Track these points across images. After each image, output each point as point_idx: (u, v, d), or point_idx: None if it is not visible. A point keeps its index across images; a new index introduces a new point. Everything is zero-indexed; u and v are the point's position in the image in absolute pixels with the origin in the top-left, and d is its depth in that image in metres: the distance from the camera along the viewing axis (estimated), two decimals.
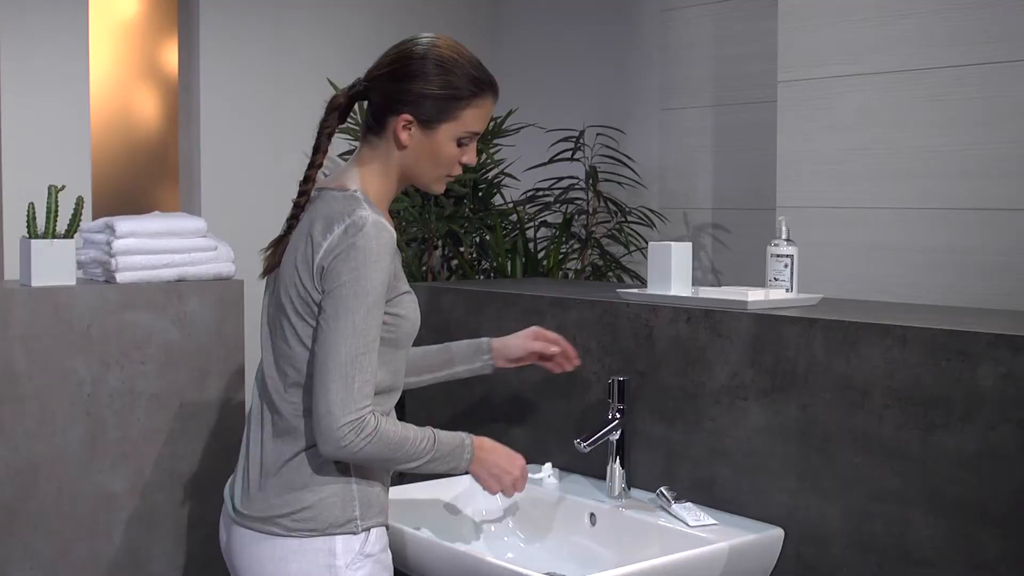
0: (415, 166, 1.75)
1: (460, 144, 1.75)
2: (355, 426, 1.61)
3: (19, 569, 2.45)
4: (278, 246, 1.77)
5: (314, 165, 1.75)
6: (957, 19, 2.62)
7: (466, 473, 1.82)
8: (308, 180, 1.74)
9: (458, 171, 1.79)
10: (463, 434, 1.80)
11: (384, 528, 1.77)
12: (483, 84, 1.74)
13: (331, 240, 1.64)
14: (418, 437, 1.70)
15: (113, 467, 2.57)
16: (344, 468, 1.72)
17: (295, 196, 1.76)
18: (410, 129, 1.72)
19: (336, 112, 1.77)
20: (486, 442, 1.83)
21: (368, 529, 1.72)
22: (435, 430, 1.75)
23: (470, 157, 1.77)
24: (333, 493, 1.71)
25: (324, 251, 1.64)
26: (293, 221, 1.74)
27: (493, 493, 1.86)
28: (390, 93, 1.72)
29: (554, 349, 2.08)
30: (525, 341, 2.07)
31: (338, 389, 1.60)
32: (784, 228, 2.13)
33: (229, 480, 1.88)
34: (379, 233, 1.63)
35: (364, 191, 1.72)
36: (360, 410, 1.61)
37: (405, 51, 1.73)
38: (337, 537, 1.70)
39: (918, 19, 2.69)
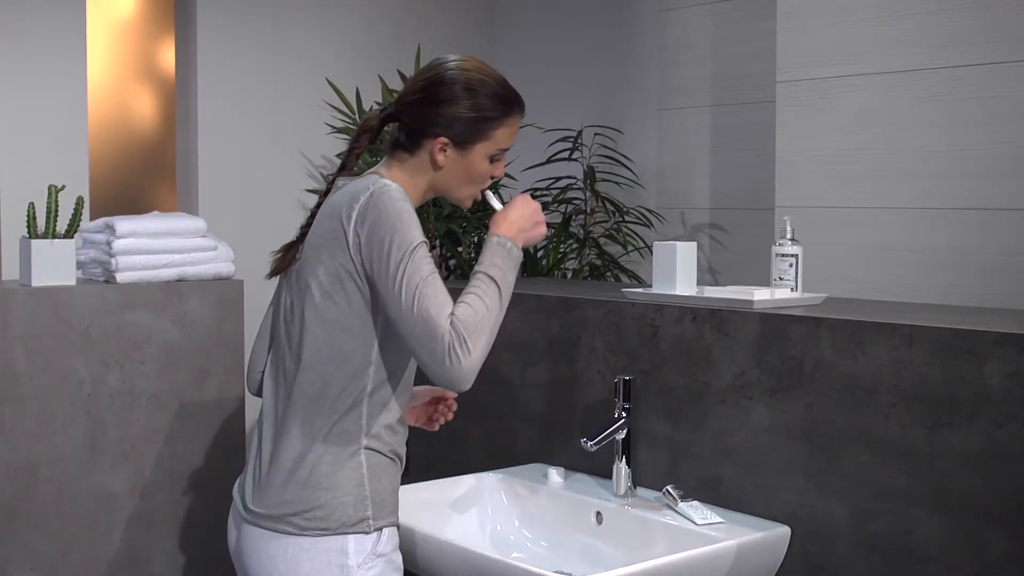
0: (450, 183, 1.81)
1: (492, 160, 1.81)
2: (456, 351, 1.60)
3: (19, 569, 2.44)
4: (289, 250, 1.78)
5: (337, 179, 1.81)
6: (957, 19, 2.63)
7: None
8: (326, 195, 1.79)
9: (487, 184, 1.84)
10: (494, 240, 1.75)
11: (395, 528, 1.77)
12: (510, 103, 1.80)
13: (359, 208, 1.67)
14: (485, 292, 1.67)
15: (113, 467, 2.57)
16: (358, 467, 1.72)
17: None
18: (446, 151, 1.77)
19: (367, 134, 1.82)
20: (508, 224, 1.77)
21: (380, 529, 1.72)
22: (483, 270, 1.71)
23: (499, 171, 1.84)
24: (347, 492, 1.70)
25: (355, 220, 1.67)
26: (307, 229, 1.77)
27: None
28: (422, 117, 1.77)
29: (451, 393, 2.07)
30: (430, 390, 2.07)
31: (423, 336, 1.60)
32: (789, 228, 2.14)
33: (239, 479, 1.87)
34: (403, 195, 1.69)
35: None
36: (445, 338, 1.59)
37: (435, 76, 1.78)
38: (349, 536, 1.70)
39: (918, 19, 2.69)
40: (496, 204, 1.87)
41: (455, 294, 1.67)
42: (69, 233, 2.59)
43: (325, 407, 1.71)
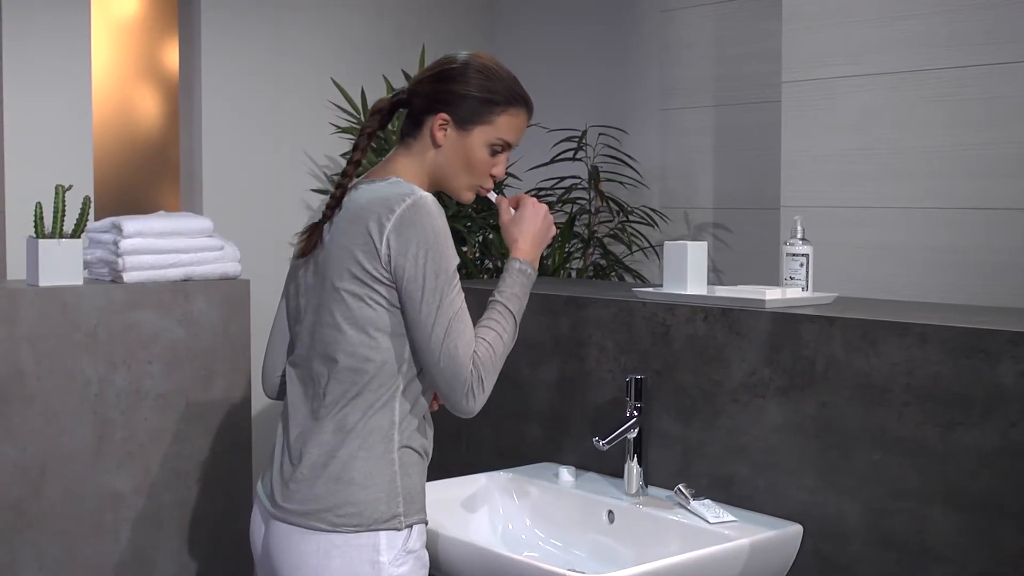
0: (447, 167, 1.80)
1: (493, 152, 1.81)
2: (474, 392, 1.68)
3: (26, 568, 2.44)
4: (314, 232, 1.78)
5: (353, 161, 1.80)
6: (961, 20, 2.64)
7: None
8: (347, 175, 1.79)
9: (489, 183, 1.84)
10: (516, 267, 1.79)
11: (424, 525, 1.76)
12: (519, 97, 1.81)
13: (395, 220, 1.67)
14: (504, 328, 1.74)
15: (120, 467, 2.57)
16: (391, 464, 1.72)
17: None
18: (446, 129, 1.78)
19: (378, 115, 1.84)
20: (529, 241, 1.82)
21: (411, 525, 1.72)
22: (504, 301, 1.76)
23: (500, 170, 1.83)
24: (380, 489, 1.70)
25: (388, 232, 1.67)
26: (329, 212, 1.77)
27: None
28: (430, 95, 1.79)
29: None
30: None
31: (446, 371, 1.67)
32: (800, 227, 2.14)
33: (262, 477, 1.87)
34: (440, 210, 1.70)
35: (401, 178, 1.78)
36: (467, 378, 1.67)
37: (447, 59, 1.82)
38: (382, 533, 1.69)
39: (922, 20, 2.71)
40: (492, 196, 1.87)
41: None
42: (76, 233, 2.59)
43: (360, 404, 1.71)
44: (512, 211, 1.86)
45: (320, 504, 1.70)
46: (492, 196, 1.88)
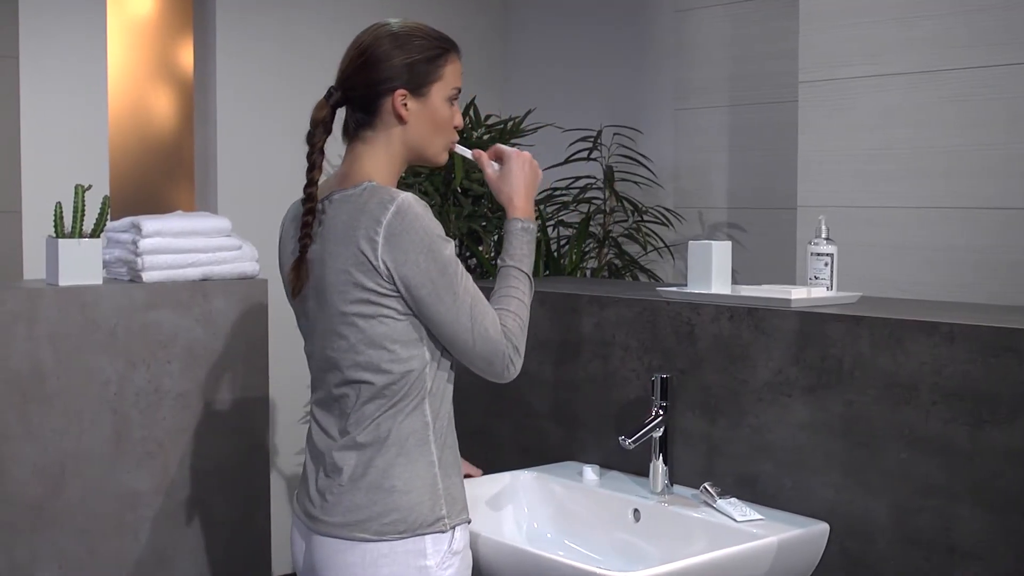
0: (420, 138, 1.77)
1: (450, 104, 1.79)
2: (513, 361, 1.72)
3: (46, 567, 2.45)
4: (300, 267, 1.74)
5: (314, 182, 1.76)
6: (978, 20, 2.64)
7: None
8: (311, 198, 1.74)
9: (454, 136, 1.81)
10: (518, 226, 1.79)
11: (467, 525, 1.75)
12: (443, 39, 1.79)
13: (383, 233, 1.64)
14: (524, 292, 1.76)
15: (139, 466, 2.57)
16: (431, 467, 1.71)
17: (303, 215, 1.74)
18: (406, 103, 1.74)
19: (322, 125, 1.78)
20: (522, 195, 1.81)
21: (455, 527, 1.71)
22: (516, 265, 1.77)
23: (459, 118, 1.81)
24: (422, 493, 1.69)
25: (381, 247, 1.64)
26: (307, 240, 1.73)
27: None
28: (369, 81, 1.74)
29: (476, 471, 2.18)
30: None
31: (483, 354, 1.69)
32: (824, 227, 2.14)
33: (296, 496, 1.84)
34: (423, 206, 1.68)
35: (375, 180, 1.73)
36: (504, 351, 1.70)
37: (361, 44, 1.77)
38: (427, 537, 1.68)
39: (939, 20, 2.71)
40: (466, 153, 1.85)
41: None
42: (96, 233, 2.59)
43: (391, 414, 1.70)
44: (495, 165, 1.83)
45: (363, 514, 1.68)
46: (467, 153, 1.85)
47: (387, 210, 1.65)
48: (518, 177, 1.81)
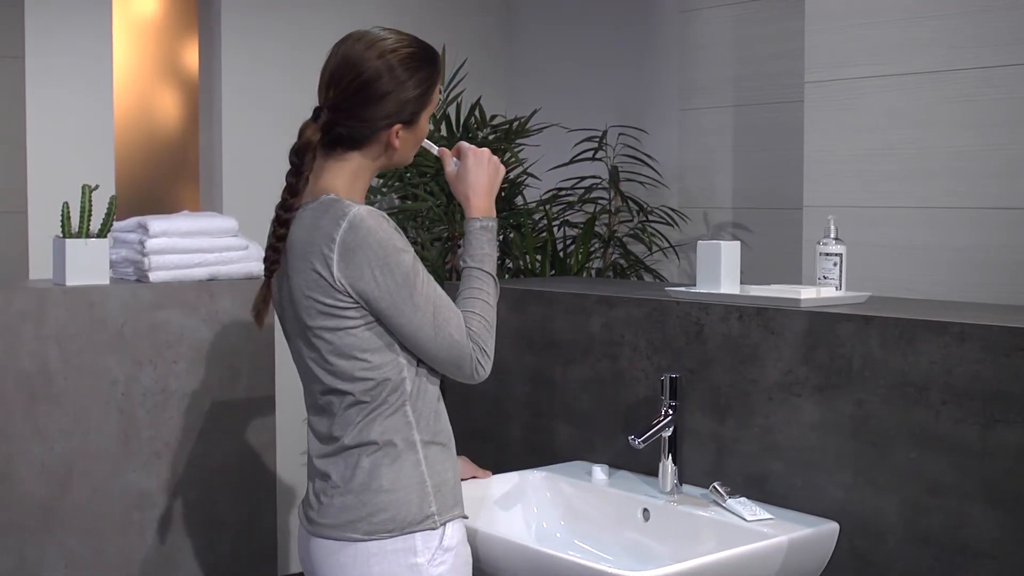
0: (403, 157, 1.79)
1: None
2: (481, 363, 1.72)
3: (53, 566, 2.45)
4: (267, 296, 1.75)
5: (293, 208, 1.72)
6: (984, 20, 2.64)
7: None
8: (285, 224, 1.72)
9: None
10: (476, 225, 1.78)
11: (462, 520, 1.76)
12: (433, 58, 1.78)
13: (337, 251, 1.64)
14: (489, 293, 1.76)
15: (146, 465, 2.57)
16: (416, 464, 1.72)
17: (273, 240, 1.73)
18: (399, 133, 1.74)
19: (312, 152, 1.72)
20: (481, 194, 1.79)
21: (446, 523, 1.72)
22: (478, 266, 1.77)
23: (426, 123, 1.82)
24: (408, 491, 1.70)
25: (336, 265, 1.64)
26: (274, 266, 1.73)
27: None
28: (370, 117, 1.71)
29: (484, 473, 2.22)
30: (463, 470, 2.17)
31: (449, 358, 1.70)
32: (833, 227, 2.15)
33: (301, 500, 1.87)
34: (376, 218, 1.66)
35: (336, 193, 1.72)
36: (471, 354, 1.71)
37: (363, 76, 1.71)
38: (416, 534, 1.69)
39: (945, 20, 2.71)
40: (433, 149, 1.85)
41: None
42: (102, 233, 2.59)
43: (374, 417, 1.71)
44: (455, 161, 1.82)
45: (353, 515, 1.70)
46: (434, 149, 1.84)
47: (339, 226, 1.64)
48: (475, 175, 1.79)
